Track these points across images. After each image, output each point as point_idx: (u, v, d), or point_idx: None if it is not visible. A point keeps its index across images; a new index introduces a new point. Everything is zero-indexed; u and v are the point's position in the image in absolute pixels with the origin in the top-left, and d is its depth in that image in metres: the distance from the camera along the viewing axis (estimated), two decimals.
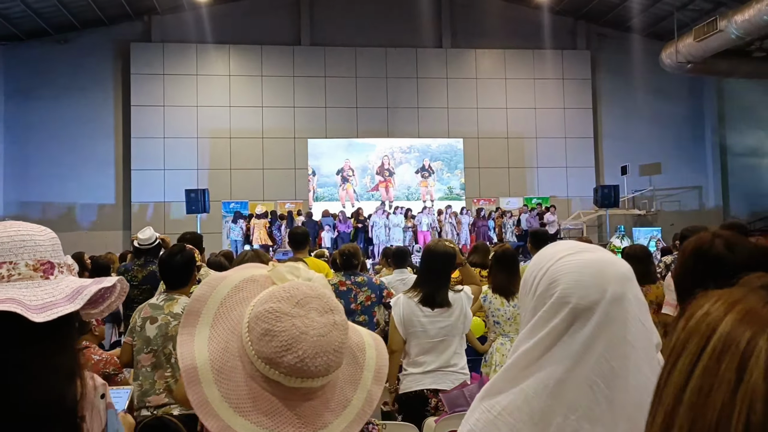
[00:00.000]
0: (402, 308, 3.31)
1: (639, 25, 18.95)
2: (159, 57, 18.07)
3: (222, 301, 1.00)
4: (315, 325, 0.93)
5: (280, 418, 0.91)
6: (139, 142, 17.81)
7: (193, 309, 1.00)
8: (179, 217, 16.96)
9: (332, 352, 0.93)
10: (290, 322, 0.92)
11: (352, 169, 18.50)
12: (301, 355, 0.90)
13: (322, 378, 0.93)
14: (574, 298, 0.99)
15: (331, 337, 0.93)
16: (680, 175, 19.98)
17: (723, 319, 0.47)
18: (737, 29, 14.81)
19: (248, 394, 0.92)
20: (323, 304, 0.96)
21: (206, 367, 0.93)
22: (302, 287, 0.97)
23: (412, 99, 19.14)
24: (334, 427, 0.95)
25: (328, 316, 0.95)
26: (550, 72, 19.69)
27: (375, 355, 1.06)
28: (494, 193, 19.17)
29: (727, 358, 0.45)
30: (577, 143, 19.80)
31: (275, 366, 0.90)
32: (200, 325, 0.98)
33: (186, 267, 3.41)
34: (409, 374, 3.32)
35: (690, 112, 20.40)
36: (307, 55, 18.78)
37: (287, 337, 0.90)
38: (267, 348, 0.91)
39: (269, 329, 0.91)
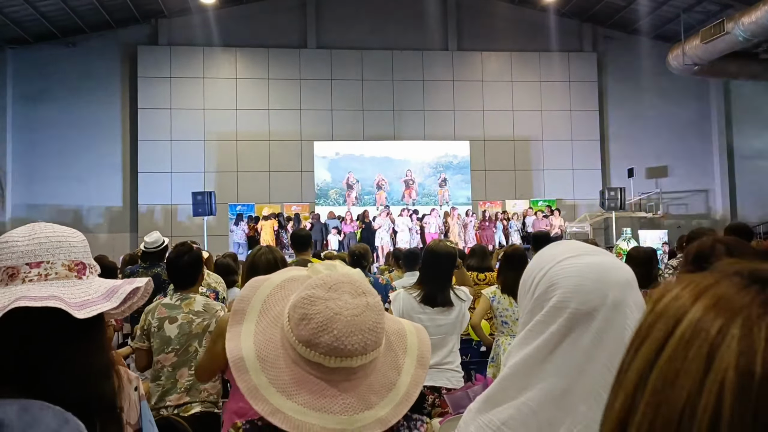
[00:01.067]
0: (402, 303, 3.31)
1: (645, 27, 18.91)
2: (166, 60, 18.15)
3: (265, 300, 1.08)
4: (348, 306, 0.98)
5: (325, 399, 0.96)
6: (146, 145, 17.87)
7: (238, 308, 1.07)
8: (186, 219, 17.02)
9: (367, 330, 0.98)
10: (324, 304, 0.98)
11: (384, 180, 18.37)
12: (337, 334, 0.96)
13: (360, 357, 0.97)
14: (574, 303, 0.95)
15: (365, 317, 0.99)
16: (687, 178, 19.90)
17: (693, 305, 0.45)
18: (744, 31, 14.75)
19: (293, 378, 0.97)
20: (356, 288, 1.02)
21: (252, 357, 0.99)
22: (335, 275, 1.04)
23: (418, 101, 19.15)
24: (380, 408, 0.99)
25: (361, 298, 1.01)
26: (556, 74, 19.66)
27: (417, 341, 1.12)
28: (500, 195, 19.13)
29: (695, 345, 0.43)
30: (584, 145, 19.75)
31: (314, 347, 0.96)
32: (246, 322, 1.05)
33: (193, 267, 3.42)
34: None
35: (697, 114, 20.32)
36: (314, 57, 18.82)
37: (322, 319, 0.97)
38: (305, 331, 0.97)
39: (305, 313, 0.98)
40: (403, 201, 18.29)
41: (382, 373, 1.03)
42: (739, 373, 0.41)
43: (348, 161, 18.32)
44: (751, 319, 0.42)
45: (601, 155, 20.04)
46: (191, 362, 3.21)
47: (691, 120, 20.14)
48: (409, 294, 3.34)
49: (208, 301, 3.38)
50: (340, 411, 0.96)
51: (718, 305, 0.44)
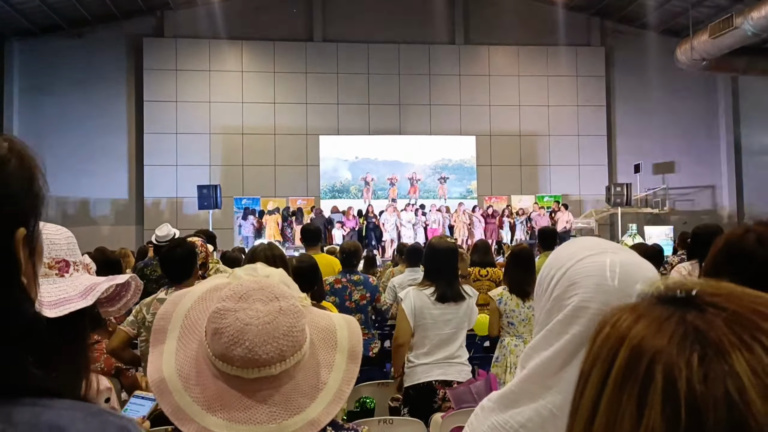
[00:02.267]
0: (413, 301, 3.33)
1: (654, 21, 18.78)
2: (172, 52, 18.14)
3: (186, 314, 1.05)
4: (259, 315, 0.96)
5: (250, 411, 0.94)
6: (152, 138, 17.90)
7: (159, 327, 1.04)
8: (191, 212, 17.05)
9: (281, 336, 0.95)
10: (234, 316, 0.96)
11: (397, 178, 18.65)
12: (249, 345, 0.93)
13: (279, 364, 0.95)
14: (595, 304, 0.92)
15: (277, 323, 0.96)
16: (694, 174, 19.80)
17: (624, 341, 0.45)
18: (753, 26, 14.63)
19: (216, 393, 0.95)
20: (267, 294, 0.99)
21: (174, 377, 0.97)
22: (247, 283, 1.01)
23: (425, 96, 19.09)
24: (311, 410, 0.97)
25: (273, 304, 0.98)
26: (563, 69, 19.56)
27: (347, 335, 1.08)
28: (506, 191, 19.09)
29: (629, 386, 0.42)
30: (590, 141, 19.67)
31: (229, 361, 0.94)
32: (168, 341, 1.02)
33: (186, 260, 3.41)
34: (417, 366, 3.34)
35: (704, 109, 20.19)
36: (320, 51, 18.78)
37: (233, 331, 0.94)
38: (218, 346, 0.95)
39: (217, 328, 0.96)
40: (408, 195, 18.38)
41: (311, 373, 1.00)
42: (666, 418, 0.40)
43: (365, 164, 18.71)
44: (671, 356, 0.41)
45: (608, 151, 19.95)
46: None
47: (698, 115, 20.02)
48: (420, 291, 3.36)
49: None
50: (267, 420, 0.94)
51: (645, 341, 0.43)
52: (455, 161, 19.11)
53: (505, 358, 3.94)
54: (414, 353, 3.36)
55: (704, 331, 0.41)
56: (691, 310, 0.43)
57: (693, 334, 0.41)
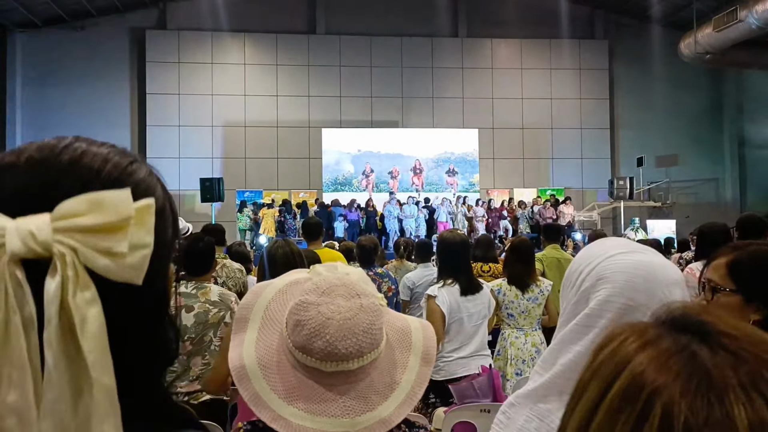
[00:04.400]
0: (448, 299, 3.39)
1: (658, 14, 18.68)
2: (174, 45, 18.12)
3: (267, 306, 1.09)
4: (341, 310, 0.99)
5: (325, 403, 0.97)
6: (155, 131, 17.91)
7: (241, 316, 1.08)
8: (194, 205, 17.07)
9: (361, 333, 0.98)
10: (316, 310, 0.99)
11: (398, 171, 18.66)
12: (329, 339, 0.97)
13: (356, 360, 0.98)
14: (623, 299, 0.97)
15: (358, 319, 0.99)
16: (697, 167, 19.75)
17: (627, 365, 0.43)
18: (758, 19, 14.55)
19: (294, 384, 0.99)
20: (349, 291, 1.02)
21: (254, 364, 1.01)
22: (330, 278, 1.04)
23: (427, 89, 19.05)
24: (383, 408, 0.99)
25: (355, 300, 1.01)
26: (566, 62, 19.49)
27: (422, 337, 1.11)
28: (509, 184, 19.07)
29: (623, 416, 0.41)
30: (593, 134, 19.62)
31: (308, 353, 0.98)
32: (249, 330, 1.06)
33: (208, 253, 3.49)
34: (453, 360, 3.41)
35: (708, 103, 20.11)
36: (322, 43, 18.73)
37: (315, 324, 0.98)
38: (299, 337, 0.98)
39: (299, 320, 0.99)
40: (413, 187, 18.36)
41: (385, 372, 1.03)
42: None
43: (368, 157, 18.63)
44: (673, 395, 0.40)
45: (611, 144, 19.90)
46: (205, 351, 3.25)
47: (702, 109, 19.94)
48: (450, 287, 3.43)
49: (223, 291, 3.42)
50: (341, 414, 0.97)
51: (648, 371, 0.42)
52: (458, 154, 19.08)
53: (505, 351, 3.95)
54: (451, 348, 3.44)
55: (711, 375, 0.40)
56: (703, 347, 0.42)
57: (699, 374, 0.41)
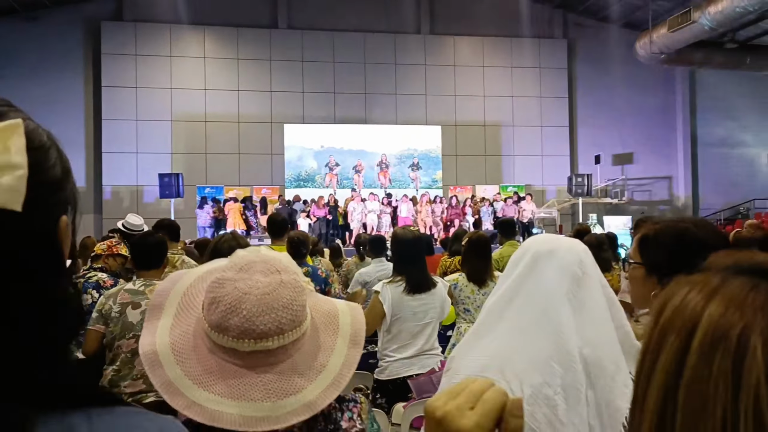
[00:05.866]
0: (390, 294, 3.31)
1: (615, 14, 19.11)
2: (131, 37, 17.67)
3: (185, 292, 1.03)
4: (259, 285, 0.94)
5: (244, 386, 0.92)
6: (111, 125, 17.45)
7: (155, 303, 1.02)
8: (153, 201, 16.71)
9: (281, 308, 0.93)
10: (233, 285, 0.94)
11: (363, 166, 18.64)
12: (246, 314, 0.91)
13: (276, 338, 0.93)
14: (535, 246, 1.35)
15: (277, 294, 0.94)
16: (651, 165, 20.30)
17: (705, 310, 0.43)
18: (710, 20, 15.02)
19: (210, 368, 0.93)
20: (268, 266, 0.97)
21: (166, 350, 0.95)
22: (248, 256, 1.00)
23: (391, 85, 19.06)
24: (308, 392, 0.94)
25: (274, 276, 0.96)
26: (527, 60, 19.77)
27: (350, 320, 1.07)
28: (471, 180, 19.25)
29: (718, 356, 0.40)
30: (553, 132, 19.97)
31: (224, 331, 0.92)
32: (164, 317, 1.00)
33: (156, 248, 3.41)
34: (396, 360, 3.33)
35: (662, 102, 20.69)
36: (285, 38, 18.54)
37: (230, 300, 0.92)
38: (215, 315, 0.93)
39: (215, 297, 0.94)
40: (379, 183, 18.36)
41: (310, 354, 0.98)
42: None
43: (331, 153, 18.52)
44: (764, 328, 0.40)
45: (570, 141, 20.29)
46: None
47: (656, 107, 20.51)
48: (395, 285, 3.34)
49: None
50: (262, 397, 0.91)
51: (730, 311, 0.41)
52: (421, 151, 19.17)
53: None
54: (392, 348, 3.34)
55: None
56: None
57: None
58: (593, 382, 1.20)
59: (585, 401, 1.18)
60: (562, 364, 1.17)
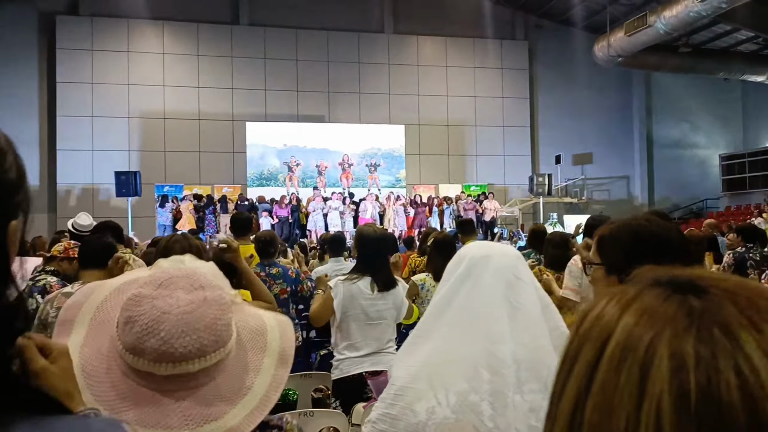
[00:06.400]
0: (342, 290, 3.26)
1: (574, 17, 19.47)
2: (87, 32, 17.23)
3: (99, 306, 0.95)
4: (179, 303, 0.86)
5: (162, 414, 0.85)
6: (66, 121, 16.98)
7: (64, 318, 0.94)
8: (109, 200, 16.33)
9: (203, 329, 0.86)
10: (150, 303, 0.86)
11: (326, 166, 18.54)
12: (164, 336, 0.84)
13: (197, 360, 0.85)
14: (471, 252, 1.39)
15: (200, 313, 0.86)
16: (610, 165, 20.75)
17: (618, 323, 0.43)
18: (665, 25, 15.43)
19: (123, 393, 0.86)
20: (192, 282, 0.89)
21: (77, 372, 0.86)
22: (170, 270, 0.92)
23: (354, 84, 19.02)
24: (231, 416, 0.88)
25: (197, 293, 0.88)
26: (489, 61, 19.98)
27: (279, 337, 0.99)
28: (434, 179, 19.36)
29: (625, 368, 0.41)
30: (515, 132, 20.22)
31: (140, 354, 0.84)
32: (74, 334, 0.92)
33: (107, 247, 3.30)
34: (346, 358, 3.28)
35: (620, 103, 21.17)
36: (246, 35, 18.33)
37: (147, 320, 0.84)
38: (130, 336, 0.85)
39: (130, 316, 0.86)
40: (340, 184, 18.31)
41: (234, 376, 0.90)
42: (674, 396, 0.38)
43: (294, 151, 18.39)
44: (677, 335, 0.40)
45: (531, 142, 20.58)
46: None
47: (614, 109, 20.97)
48: (350, 282, 3.29)
49: None
50: (180, 425, 0.84)
51: (642, 321, 0.42)
52: (384, 150, 19.19)
53: None
54: (343, 345, 3.29)
55: (710, 311, 0.40)
56: (688, 295, 0.42)
57: (699, 312, 0.40)
58: (522, 386, 1.21)
59: (512, 406, 1.19)
60: (491, 368, 1.18)
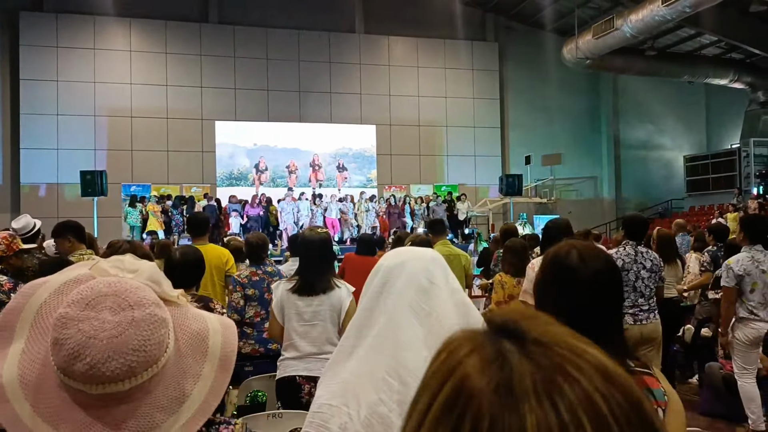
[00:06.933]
0: (280, 293, 3.28)
1: (544, 20, 19.71)
2: (52, 28, 16.86)
3: (39, 309, 0.92)
4: (105, 327, 0.84)
5: (97, 426, 0.84)
6: (30, 119, 16.59)
7: (5, 323, 0.90)
8: (74, 199, 16.00)
9: (131, 352, 0.84)
10: (76, 327, 0.84)
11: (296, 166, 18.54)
12: (90, 361, 0.82)
13: (128, 380, 0.84)
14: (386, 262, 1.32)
15: (126, 337, 0.84)
16: (578, 166, 21.06)
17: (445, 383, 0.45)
18: (632, 28, 15.73)
19: (60, 406, 0.84)
20: (119, 301, 0.87)
21: (14, 383, 0.85)
22: (98, 286, 0.88)
23: (325, 84, 18.96)
24: (168, 425, 0.87)
25: (125, 314, 0.86)
26: (460, 62, 20.10)
27: (220, 341, 0.97)
28: (405, 180, 19.41)
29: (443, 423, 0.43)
30: (485, 133, 20.39)
31: (70, 375, 0.83)
32: (15, 340, 0.89)
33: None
34: (284, 360, 3.28)
35: (588, 105, 21.51)
36: (215, 33, 18.13)
37: (73, 344, 0.82)
38: (59, 358, 0.83)
39: (57, 338, 0.84)
40: (309, 183, 18.24)
41: (171, 385, 0.89)
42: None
43: (264, 151, 18.28)
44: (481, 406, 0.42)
45: (501, 142, 20.77)
46: None
47: (583, 110, 21.29)
48: (287, 284, 3.31)
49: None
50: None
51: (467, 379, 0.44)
52: (356, 150, 19.18)
53: None
54: (284, 345, 3.29)
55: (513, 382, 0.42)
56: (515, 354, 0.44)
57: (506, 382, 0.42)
58: None
59: None
60: (399, 378, 1.16)
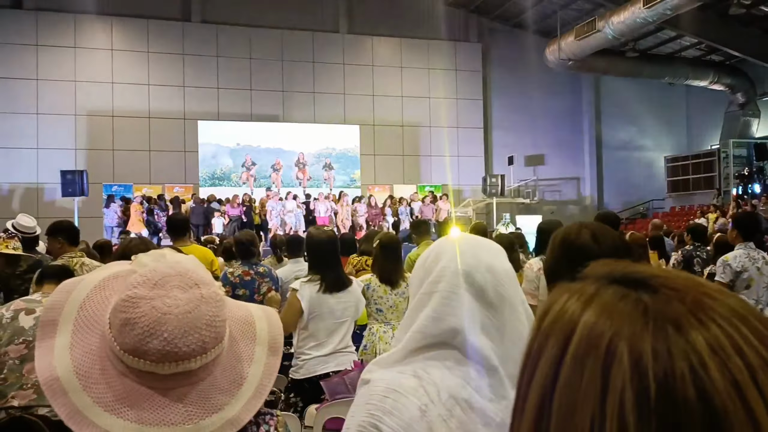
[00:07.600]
0: (308, 292, 3.33)
1: (526, 21, 19.84)
2: (32, 26, 16.64)
3: (81, 305, 0.93)
4: (179, 303, 0.86)
5: (162, 410, 0.86)
6: (8, 118, 16.36)
7: (48, 319, 0.91)
8: (54, 200, 15.79)
9: (204, 327, 0.87)
10: (149, 305, 0.86)
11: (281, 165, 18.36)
12: (168, 337, 0.84)
13: (199, 358, 0.87)
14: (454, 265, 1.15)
15: (200, 312, 0.87)
16: (561, 166, 21.23)
17: (581, 317, 0.44)
18: (613, 30, 15.89)
19: (123, 393, 0.86)
20: (185, 280, 0.90)
21: (70, 375, 0.86)
22: (160, 268, 0.91)
23: (309, 83, 18.91)
24: (231, 407, 0.90)
25: (194, 291, 0.89)
26: (444, 63, 20.17)
27: (267, 326, 1.02)
28: (389, 180, 19.42)
29: (589, 365, 0.42)
30: (468, 133, 20.48)
31: (142, 355, 0.84)
32: (60, 335, 0.90)
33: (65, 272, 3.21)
34: (312, 358, 3.33)
35: (571, 106, 21.69)
36: (198, 32, 18.01)
37: (148, 322, 0.84)
38: (129, 338, 0.85)
39: (128, 318, 0.85)
40: (297, 182, 18.19)
41: (229, 367, 0.93)
42: (635, 391, 0.40)
43: (247, 151, 18.17)
44: (635, 333, 0.41)
45: (484, 143, 20.88)
46: None
47: (565, 111, 21.47)
48: (312, 284, 3.36)
49: None
50: (182, 420, 0.86)
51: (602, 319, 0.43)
52: (339, 150, 19.15)
53: (373, 345, 3.86)
54: (309, 345, 3.35)
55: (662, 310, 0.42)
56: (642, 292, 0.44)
57: (652, 311, 0.42)
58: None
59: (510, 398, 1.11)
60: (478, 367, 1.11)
